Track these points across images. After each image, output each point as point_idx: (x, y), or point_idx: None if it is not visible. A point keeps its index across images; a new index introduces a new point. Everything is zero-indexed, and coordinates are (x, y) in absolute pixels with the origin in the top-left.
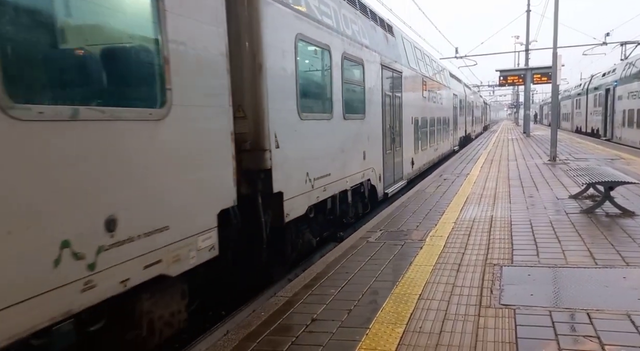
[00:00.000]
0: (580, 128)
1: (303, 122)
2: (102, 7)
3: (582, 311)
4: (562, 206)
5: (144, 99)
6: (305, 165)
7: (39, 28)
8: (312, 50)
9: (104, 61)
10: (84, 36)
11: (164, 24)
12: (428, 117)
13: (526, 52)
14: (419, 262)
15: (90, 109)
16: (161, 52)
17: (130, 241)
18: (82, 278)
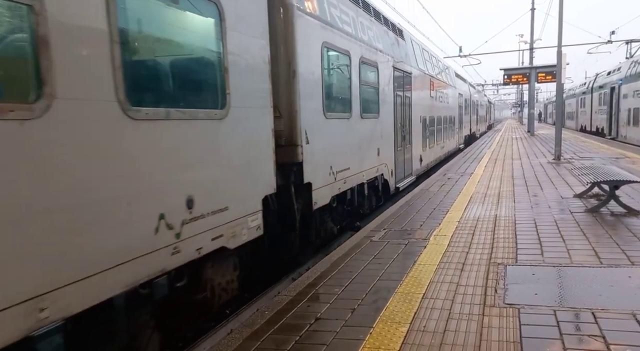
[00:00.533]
0: (584, 127)
1: (327, 120)
2: (182, 28)
3: (587, 310)
4: (566, 205)
5: (212, 102)
6: (330, 160)
7: (146, 51)
8: (334, 56)
9: (185, 72)
10: (172, 52)
11: (225, 39)
12: (435, 116)
13: (530, 50)
14: (422, 261)
15: (177, 111)
16: (223, 63)
17: (202, 217)
18: (172, 244)
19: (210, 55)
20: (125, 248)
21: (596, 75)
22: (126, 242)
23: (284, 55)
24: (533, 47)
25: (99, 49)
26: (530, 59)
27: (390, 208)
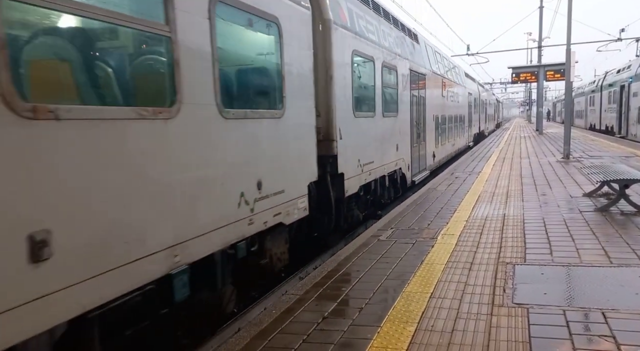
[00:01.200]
0: (594, 126)
1: (356, 119)
2: (254, 45)
3: (597, 310)
4: (575, 204)
5: (274, 104)
6: (358, 153)
7: (232, 65)
8: (361, 62)
9: (256, 80)
10: (247, 65)
11: (282, 52)
12: (447, 115)
13: (539, 48)
14: (430, 261)
15: (252, 111)
16: (281, 72)
17: (267, 197)
18: (248, 217)
19: (273, 65)
20: (221, 216)
21: (605, 73)
22: (222, 211)
23: (322, 62)
24: (541, 45)
25: (206, 66)
26: (538, 57)
27: (397, 207)
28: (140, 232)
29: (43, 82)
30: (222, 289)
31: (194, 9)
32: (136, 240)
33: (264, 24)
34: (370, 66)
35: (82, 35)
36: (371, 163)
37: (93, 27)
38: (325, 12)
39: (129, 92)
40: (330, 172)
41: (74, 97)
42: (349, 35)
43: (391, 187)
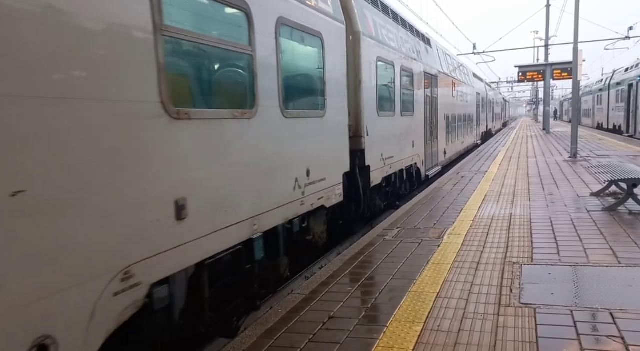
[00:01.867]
0: (601, 125)
1: (379, 118)
2: (305, 57)
3: (605, 310)
4: (583, 204)
5: (318, 105)
6: (380, 148)
7: (289, 73)
8: (384, 67)
9: (306, 85)
10: (300, 73)
11: (324, 62)
12: (456, 114)
13: (546, 47)
14: (436, 260)
15: (303, 111)
16: (323, 78)
17: (313, 183)
18: (300, 199)
19: (317, 73)
20: (282, 197)
21: (613, 71)
22: (283, 192)
23: (353, 68)
24: (548, 44)
25: (273, 76)
26: (545, 56)
27: (404, 207)
28: (234, 204)
29: (182, 93)
30: (282, 256)
31: (266, 31)
32: (233, 210)
33: (311, 39)
34: (391, 70)
35: (203, 59)
36: (392, 158)
37: (209, 51)
38: (356, 25)
39: (228, 99)
40: (358, 165)
41: (198, 104)
42: (374, 44)
43: (408, 180)
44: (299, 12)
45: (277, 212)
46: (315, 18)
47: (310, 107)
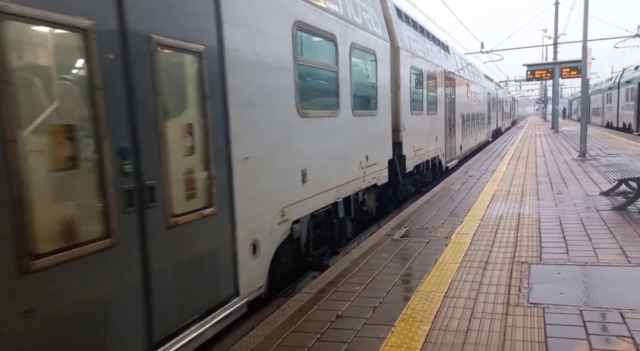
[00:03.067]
0: (611, 124)
1: (412, 116)
2: (365, 68)
3: (615, 310)
4: (592, 203)
5: (372, 107)
6: (412, 141)
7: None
8: (415, 73)
9: (366, 91)
10: (362, 82)
11: (376, 72)
12: (470, 113)
13: (554, 45)
14: (444, 260)
15: (362, 111)
16: (376, 85)
17: (369, 166)
18: (362, 177)
19: (372, 81)
20: (352, 174)
21: (623, 70)
22: (352, 171)
23: (393, 76)
24: (557, 42)
25: (347, 86)
26: (554, 54)
27: (411, 206)
28: (328, 176)
29: (304, 100)
30: (351, 218)
31: (344, 54)
32: (327, 180)
33: (369, 56)
34: (420, 76)
35: (313, 77)
36: (421, 150)
37: (316, 71)
38: (396, 42)
39: (325, 103)
40: (396, 154)
41: (311, 107)
42: (408, 55)
43: (431, 170)
44: (363, 37)
45: (350, 184)
46: (372, 40)
47: (368, 107)
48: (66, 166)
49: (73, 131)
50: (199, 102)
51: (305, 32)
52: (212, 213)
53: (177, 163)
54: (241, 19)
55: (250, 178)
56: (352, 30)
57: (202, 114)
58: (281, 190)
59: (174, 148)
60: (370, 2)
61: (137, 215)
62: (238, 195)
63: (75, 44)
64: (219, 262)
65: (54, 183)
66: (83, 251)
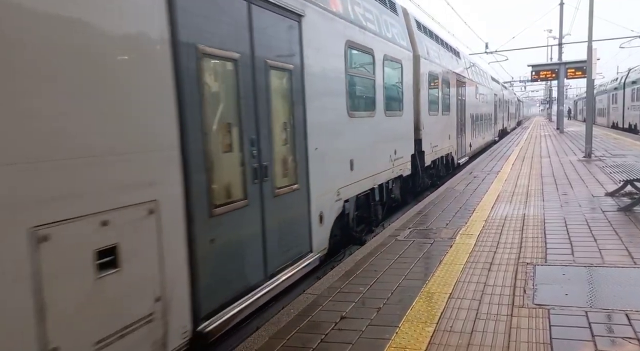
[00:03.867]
0: (616, 124)
1: (429, 116)
2: (394, 75)
3: (621, 312)
4: (598, 204)
5: (399, 108)
6: (430, 139)
7: (388, 88)
8: (432, 78)
9: (394, 95)
10: (391, 88)
11: (402, 78)
12: (479, 113)
13: (559, 46)
14: (448, 261)
15: (392, 112)
16: (402, 89)
17: (397, 159)
18: (391, 168)
19: (399, 86)
20: (384, 165)
21: (629, 70)
22: (384, 162)
23: (414, 81)
24: (562, 43)
25: (381, 91)
26: (559, 55)
27: (415, 207)
28: (367, 165)
29: (351, 104)
30: (383, 203)
31: (379, 64)
32: (367, 169)
33: (396, 64)
34: (436, 80)
35: (358, 85)
36: (437, 146)
37: (360, 80)
38: (416, 51)
39: (366, 106)
40: (417, 150)
41: (356, 109)
42: (427, 63)
43: (445, 165)
44: (393, 49)
45: (383, 174)
46: (399, 51)
47: (395, 109)
48: (227, 150)
49: (230, 127)
50: (290, 107)
51: (353, 49)
52: (297, 189)
53: (279, 151)
54: (313, 43)
55: (318, 164)
56: (385, 44)
57: (291, 116)
58: (337, 174)
59: (277, 140)
60: (397, 18)
61: (258, 185)
62: (311, 176)
63: (231, 70)
64: (301, 226)
65: (223, 161)
66: (234, 206)
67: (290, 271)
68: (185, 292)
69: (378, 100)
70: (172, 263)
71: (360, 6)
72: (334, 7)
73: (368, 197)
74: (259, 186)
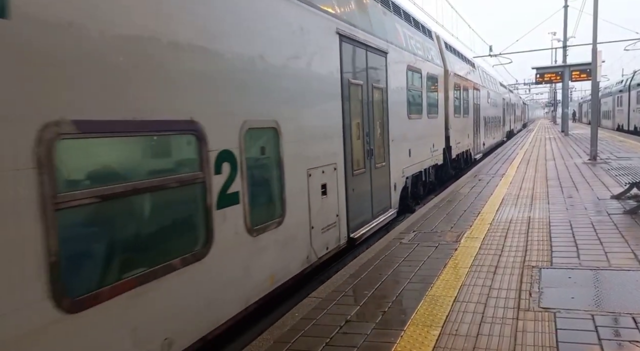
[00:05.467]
0: (622, 126)
1: (455, 118)
2: (434, 89)
3: (627, 315)
4: (603, 206)
5: (435, 112)
6: (455, 136)
7: (429, 97)
8: (456, 87)
9: (433, 102)
10: (431, 98)
11: (437, 89)
12: (490, 116)
13: (564, 48)
14: (453, 264)
15: (430, 115)
16: (437, 98)
17: (434, 151)
18: (430, 157)
19: (435, 94)
20: (427, 155)
21: (634, 72)
22: (427, 153)
23: (444, 90)
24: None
25: (425, 100)
26: (563, 57)
27: (420, 210)
28: (418, 154)
29: (409, 109)
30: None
31: (424, 79)
32: (418, 157)
33: (434, 79)
34: (459, 89)
35: (414, 97)
36: (460, 143)
37: (417, 94)
38: (446, 66)
39: (417, 110)
40: (446, 145)
41: (412, 113)
42: (453, 75)
43: (464, 160)
44: (432, 67)
45: (426, 161)
46: (435, 68)
47: (433, 112)
48: (357, 138)
49: (358, 125)
50: (381, 113)
51: (410, 70)
52: (384, 165)
53: (377, 140)
54: (391, 69)
55: (394, 150)
56: (427, 64)
57: (382, 118)
58: (402, 158)
59: (377, 134)
60: (432, 43)
61: (369, 160)
62: (391, 158)
63: (359, 91)
64: (386, 189)
65: (356, 145)
66: (360, 171)
67: (383, 216)
68: (344, 215)
69: (423, 106)
70: (341, 198)
71: (414, 39)
72: (401, 43)
73: (417, 177)
74: (370, 161)
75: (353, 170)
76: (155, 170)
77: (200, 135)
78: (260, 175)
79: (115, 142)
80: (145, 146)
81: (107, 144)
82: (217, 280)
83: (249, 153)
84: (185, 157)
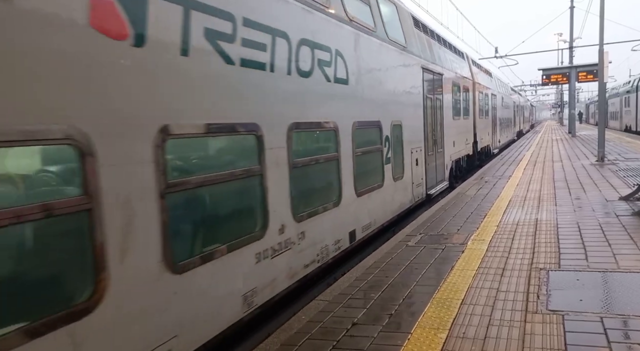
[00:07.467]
0: (629, 127)
1: (479, 119)
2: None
3: (637, 317)
4: (611, 208)
5: (468, 114)
6: (479, 133)
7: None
8: (482, 96)
9: (465, 107)
10: (465, 103)
11: (467, 98)
12: (503, 117)
13: (570, 49)
14: (460, 266)
15: (465, 116)
16: (468, 103)
17: (467, 144)
18: (465, 148)
19: (468, 101)
20: (463, 146)
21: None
22: (463, 145)
23: (473, 97)
24: (573, 46)
25: (462, 104)
26: (570, 58)
27: (426, 212)
28: (459, 145)
29: (453, 112)
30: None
31: (461, 90)
32: (458, 146)
33: (467, 89)
34: (482, 95)
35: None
36: (482, 139)
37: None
38: (474, 79)
39: (457, 113)
40: (474, 140)
41: (456, 115)
42: (478, 85)
43: (485, 153)
44: (465, 81)
45: (462, 151)
46: (467, 81)
47: (467, 114)
48: (430, 131)
49: (432, 123)
50: (440, 115)
51: (454, 85)
52: (442, 151)
53: (439, 134)
54: (444, 84)
55: (446, 141)
56: (463, 80)
57: (441, 119)
58: (450, 148)
59: (438, 129)
60: (464, 61)
61: (434, 147)
62: (445, 146)
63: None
64: (442, 167)
65: (431, 136)
66: (431, 153)
67: (441, 185)
68: (424, 179)
69: (461, 110)
70: (423, 168)
71: (455, 62)
72: (449, 66)
73: (457, 162)
74: (435, 147)
75: (427, 152)
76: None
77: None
78: (396, 150)
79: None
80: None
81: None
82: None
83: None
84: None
